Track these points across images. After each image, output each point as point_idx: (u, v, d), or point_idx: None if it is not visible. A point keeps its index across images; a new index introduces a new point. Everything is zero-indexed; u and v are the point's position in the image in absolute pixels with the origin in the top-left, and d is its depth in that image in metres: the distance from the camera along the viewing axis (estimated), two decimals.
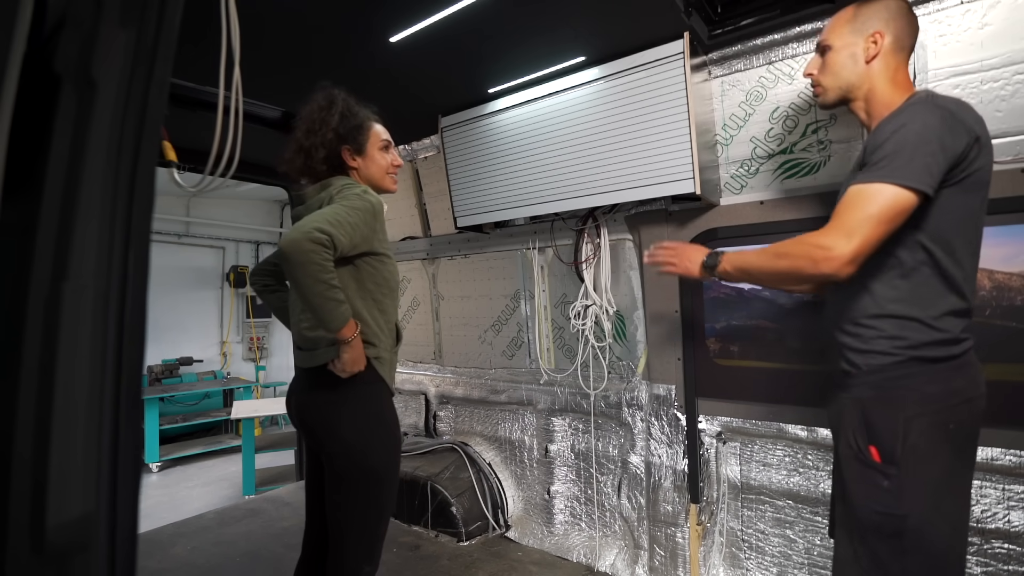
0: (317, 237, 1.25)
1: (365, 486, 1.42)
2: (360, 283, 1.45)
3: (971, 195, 1.11)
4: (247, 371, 6.88)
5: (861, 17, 1.26)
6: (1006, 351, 1.61)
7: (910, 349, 1.11)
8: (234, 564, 2.53)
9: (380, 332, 1.49)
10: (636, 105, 1.95)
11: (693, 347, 2.18)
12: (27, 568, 0.47)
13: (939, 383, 1.10)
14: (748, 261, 1.27)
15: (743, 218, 2.04)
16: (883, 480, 1.10)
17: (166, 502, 4.17)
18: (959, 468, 1.12)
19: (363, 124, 1.56)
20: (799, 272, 1.15)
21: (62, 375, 0.49)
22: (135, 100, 0.55)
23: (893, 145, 1.08)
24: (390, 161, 1.62)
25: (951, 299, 1.11)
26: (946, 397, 1.10)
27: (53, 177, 0.50)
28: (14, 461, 0.47)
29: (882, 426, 1.11)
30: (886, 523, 1.10)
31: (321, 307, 1.29)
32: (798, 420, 1.97)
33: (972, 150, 1.07)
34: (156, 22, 0.56)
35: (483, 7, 1.66)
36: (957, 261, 1.11)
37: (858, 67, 1.26)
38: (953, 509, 1.12)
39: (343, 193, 1.43)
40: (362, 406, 1.45)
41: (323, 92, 1.55)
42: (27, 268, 0.48)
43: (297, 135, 1.53)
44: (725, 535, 2.18)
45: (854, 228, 1.07)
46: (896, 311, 1.12)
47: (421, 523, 2.80)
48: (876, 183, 1.07)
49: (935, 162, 1.05)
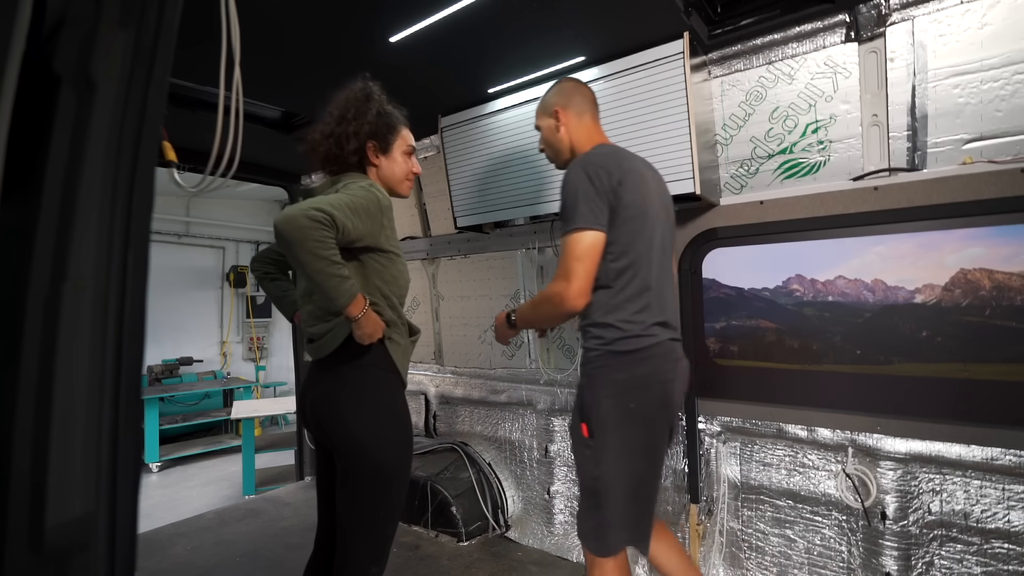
0: (314, 215, 1.21)
1: (373, 484, 1.39)
2: (366, 279, 1.41)
3: (634, 223, 1.42)
4: (247, 371, 6.88)
5: (544, 102, 1.66)
6: (1006, 351, 1.61)
7: (606, 345, 1.42)
8: (234, 564, 2.53)
9: (393, 318, 1.45)
10: (636, 105, 1.95)
11: (693, 347, 2.18)
12: (26, 568, 0.47)
13: (623, 371, 1.40)
14: (525, 313, 1.60)
15: (743, 218, 2.04)
16: (587, 450, 1.42)
17: (166, 502, 4.17)
18: (645, 437, 1.42)
19: (395, 124, 1.54)
20: (554, 314, 1.48)
21: (62, 375, 0.49)
22: (134, 100, 0.55)
23: (563, 201, 1.44)
24: (410, 167, 1.59)
25: (638, 306, 1.42)
26: (629, 382, 1.40)
27: (52, 177, 0.50)
28: (14, 461, 0.47)
29: (587, 405, 1.43)
30: (589, 483, 1.44)
31: (324, 283, 1.25)
32: (798, 420, 1.97)
33: (619, 189, 1.39)
34: (155, 22, 0.56)
35: (483, 7, 1.66)
36: (643, 277, 1.43)
37: (557, 136, 1.63)
38: (640, 467, 1.43)
39: (349, 187, 1.41)
40: (372, 396, 1.41)
41: (361, 83, 1.52)
42: (26, 268, 0.48)
43: (327, 120, 1.49)
44: (725, 535, 2.18)
45: (568, 271, 1.39)
46: (598, 319, 1.44)
47: (421, 523, 2.80)
48: (567, 234, 1.40)
49: (596, 205, 1.38)
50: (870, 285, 1.84)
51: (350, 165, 1.50)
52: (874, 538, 1.82)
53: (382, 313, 1.42)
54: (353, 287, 1.30)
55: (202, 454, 5.43)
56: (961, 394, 1.68)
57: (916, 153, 1.74)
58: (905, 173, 1.75)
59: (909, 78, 1.73)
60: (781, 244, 1.99)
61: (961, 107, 1.66)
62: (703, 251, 2.15)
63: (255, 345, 6.98)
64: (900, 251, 1.77)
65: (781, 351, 2.01)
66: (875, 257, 1.82)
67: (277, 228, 1.22)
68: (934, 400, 1.72)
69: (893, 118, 1.77)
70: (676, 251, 2.18)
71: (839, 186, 1.85)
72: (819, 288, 1.93)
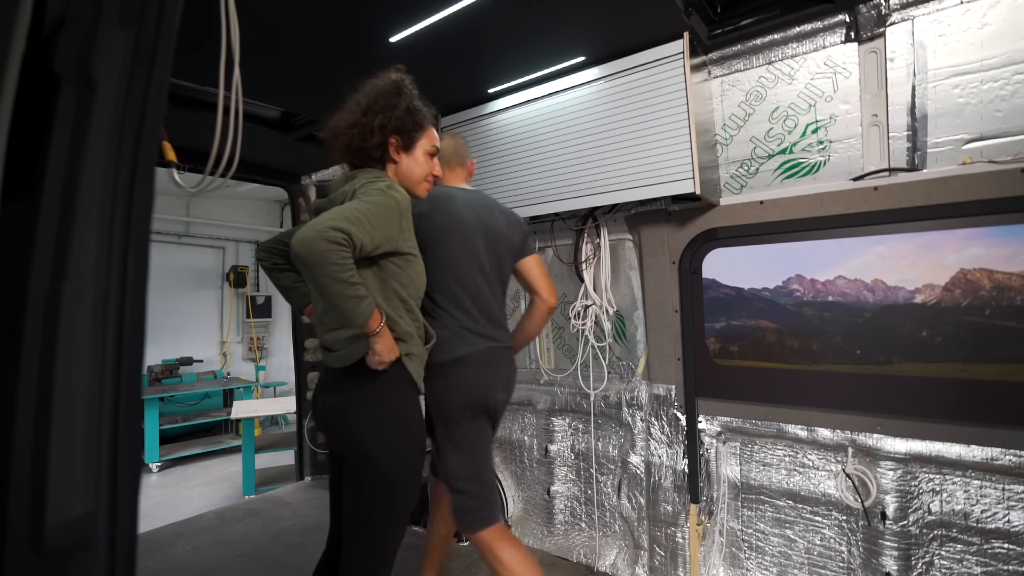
0: (333, 236, 1.17)
1: (380, 493, 1.38)
2: (384, 283, 1.38)
3: (436, 251, 1.60)
4: (247, 371, 6.88)
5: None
6: (1006, 351, 1.61)
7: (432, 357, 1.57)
8: (234, 564, 2.53)
9: (409, 329, 1.42)
10: (636, 105, 1.95)
11: (693, 347, 2.18)
12: (27, 568, 0.47)
13: (437, 380, 1.60)
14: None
15: (743, 218, 2.04)
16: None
17: (166, 502, 4.17)
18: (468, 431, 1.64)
19: (422, 122, 1.49)
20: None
21: (61, 375, 0.49)
22: (134, 100, 0.55)
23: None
24: (430, 168, 1.53)
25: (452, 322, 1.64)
26: (440, 389, 1.61)
27: (52, 177, 0.50)
28: (14, 461, 0.47)
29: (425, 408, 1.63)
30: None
31: (342, 306, 1.22)
32: (798, 420, 1.97)
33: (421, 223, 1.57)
34: (155, 22, 0.56)
35: (483, 7, 1.66)
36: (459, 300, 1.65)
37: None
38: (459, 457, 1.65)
39: (366, 188, 1.35)
40: (385, 410, 1.39)
41: (394, 74, 1.46)
42: (27, 268, 0.48)
43: (353, 109, 1.44)
44: (725, 535, 2.18)
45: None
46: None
47: (421, 523, 2.80)
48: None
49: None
50: (870, 285, 1.84)
51: (370, 159, 1.45)
52: (874, 538, 1.82)
53: (400, 323, 1.39)
54: (370, 305, 1.27)
55: (202, 454, 5.42)
56: (961, 394, 1.68)
57: (916, 153, 1.74)
58: (905, 173, 1.75)
59: (909, 78, 1.73)
60: (781, 244, 1.99)
61: (961, 107, 1.66)
62: (703, 251, 2.15)
63: (255, 345, 6.97)
64: (900, 251, 1.77)
65: (781, 351, 2.01)
66: (875, 257, 1.82)
67: (294, 251, 1.19)
68: (934, 400, 1.72)
69: (893, 118, 1.77)
70: (675, 251, 2.19)
71: (839, 186, 1.85)
72: (819, 288, 1.93)
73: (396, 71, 1.47)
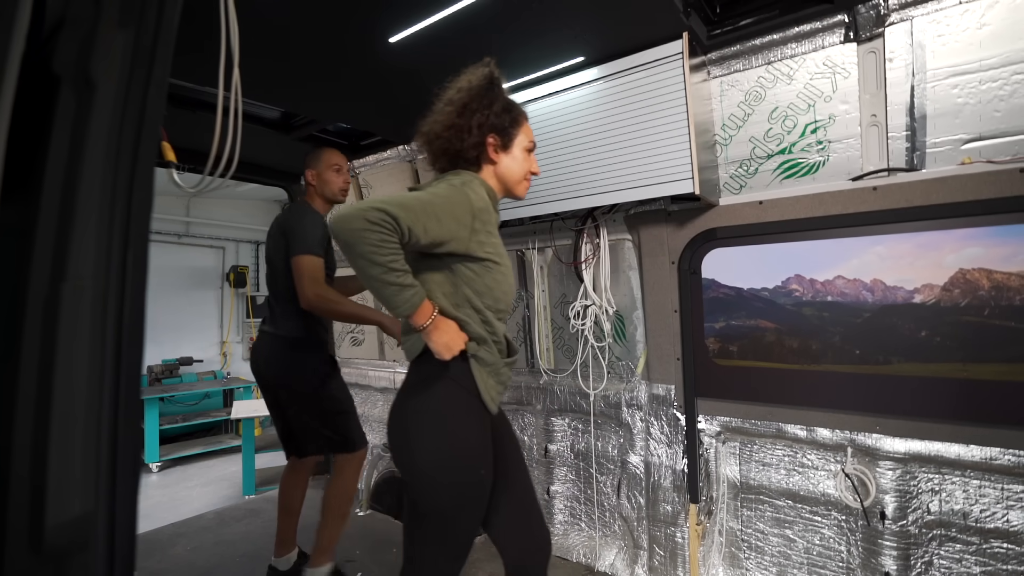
0: (372, 215, 1.06)
1: (431, 522, 1.26)
2: (456, 287, 1.26)
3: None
4: (247, 371, 6.86)
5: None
6: (1005, 351, 1.61)
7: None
8: (234, 564, 2.53)
9: (482, 332, 1.28)
10: (635, 105, 1.95)
11: (692, 347, 2.18)
12: (26, 568, 0.47)
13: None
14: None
15: (742, 218, 2.04)
16: None
17: (166, 502, 4.17)
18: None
19: (519, 118, 1.38)
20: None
21: (61, 375, 0.49)
22: (134, 100, 0.55)
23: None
24: (529, 166, 1.42)
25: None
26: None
27: (52, 177, 0.50)
28: (13, 460, 0.47)
29: None
30: None
31: (380, 291, 1.12)
32: (797, 420, 1.97)
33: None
34: (155, 23, 0.56)
35: (483, 7, 1.66)
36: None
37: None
38: None
39: (438, 182, 1.26)
40: (442, 420, 1.24)
41: (485, 68, 1.36)
42: (26, 268, 0.48)
43: (447, 110, 1.34)
44: (724, 535, 2.18)
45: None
46: None
47: None
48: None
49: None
50: (869, 285, 1.84)
51: (466, 161, 1.35)
52: (873, 538, 1.82)
53: (467, 328, 1.27)
54: (415, 296, 1.16)
55: (202, 454, 5.42)
56: (960, 394, 1.68)
57: (915, 153, 1.74)
58: (904, 173, 1.75)
59: (908, 78, 1.74)
60: (780, 244, 1.99)
61: (960, 107, 1.66)
62: (702, 251, 2.15)
63: None
64: (899, 251, 1.78)
65: (780, 351, 2.01)
66: (874, 257, 1.82)
67: (331, 228, 1.12)
68: (933, 400, 1.72)
69: (892, 118, 1.77)
70: (675, 251, 2.19)
71: (838, 186, 1.85)
72: (818, 288, 1.93)
73: (486, 64, 1.37)
